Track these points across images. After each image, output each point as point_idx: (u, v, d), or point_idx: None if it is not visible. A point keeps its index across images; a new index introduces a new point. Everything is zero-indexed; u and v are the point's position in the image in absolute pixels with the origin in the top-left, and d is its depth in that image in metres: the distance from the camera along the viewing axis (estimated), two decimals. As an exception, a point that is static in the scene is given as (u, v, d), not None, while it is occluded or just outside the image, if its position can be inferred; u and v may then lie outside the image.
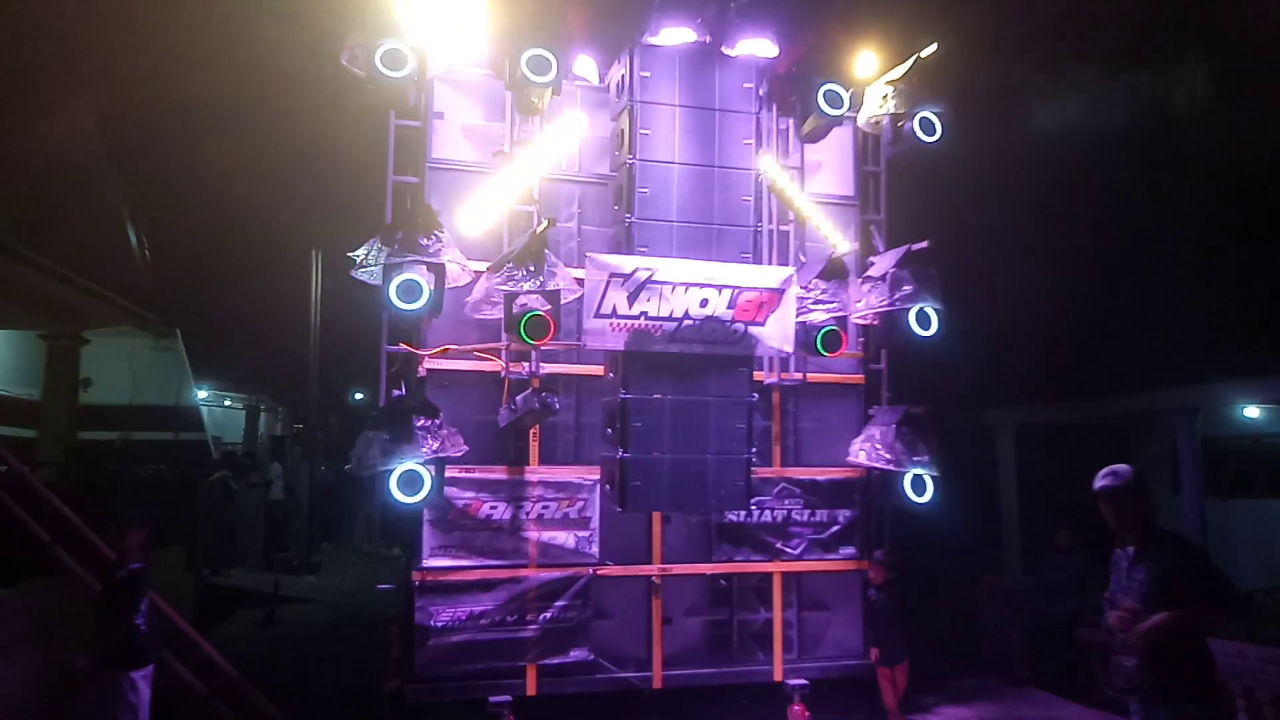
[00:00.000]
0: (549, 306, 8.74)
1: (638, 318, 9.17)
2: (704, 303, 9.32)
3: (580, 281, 9.17)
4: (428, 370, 9.53)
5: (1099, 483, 6.02)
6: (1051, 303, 14.54)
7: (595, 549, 9.85)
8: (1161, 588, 5.64)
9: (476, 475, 9.58)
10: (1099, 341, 14.76)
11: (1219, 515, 16.22)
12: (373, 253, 8.59)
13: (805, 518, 10.56)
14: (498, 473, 9.69)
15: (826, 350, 9.86)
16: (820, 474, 10.70)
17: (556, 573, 9.72)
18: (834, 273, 10.07)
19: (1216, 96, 15.41)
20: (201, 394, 23.62)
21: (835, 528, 10.65)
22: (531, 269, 8.75)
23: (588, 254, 9.39)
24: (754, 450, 9.75)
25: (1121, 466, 6.04)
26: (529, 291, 8.70)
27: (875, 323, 10.43)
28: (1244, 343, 13.91)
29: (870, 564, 10.40)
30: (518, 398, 9.24)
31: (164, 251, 20.22)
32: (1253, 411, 16.12)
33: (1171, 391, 14.07)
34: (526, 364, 9.58)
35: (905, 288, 9.87)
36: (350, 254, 8.69)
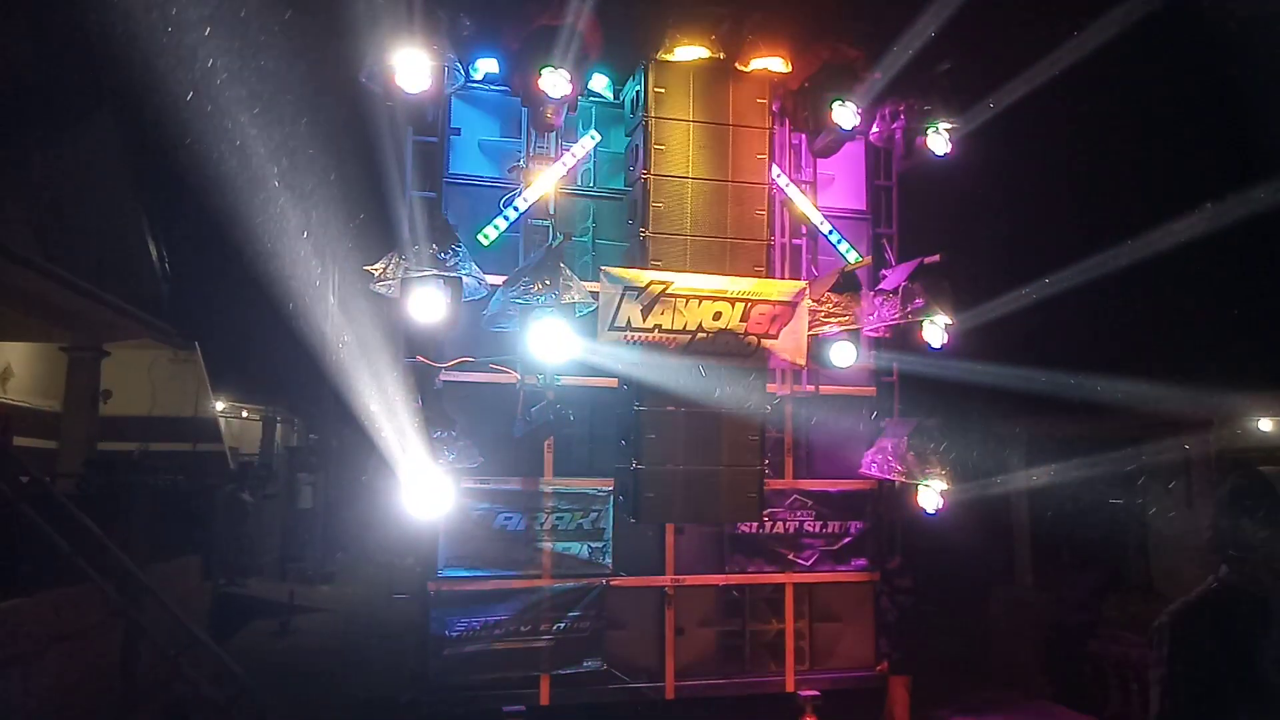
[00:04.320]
0: (564, 320, 8.84)
1: (652, 330, 9.28)
2: (717, 315, 9.41)
3: (595, 295, 9.28)
4: (444, 382, 9.64)
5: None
6: (1064, 313, 14.54)
7: (609, 560, 9.92)
8: None
9: (491, 486, 9.67)
10: (1112, 353, 14.74)
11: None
12: (391, 266, 8.71)
13: (817, 529, 10.61)
14: (512, 484, 9.78)
15: (839, 363, 9.94)
16: (832, 485, 10.75)
17: (570, 583, 9.79)
18: (846, 286, 10.14)
19: (1228, 105, 15.43)
20: (219, 405, 23.76)
21: (847, 539, 10.70)
22: (547, 282, 8.85)
23: (602, 268, 9.49)
24: (766, 462, 9.84)
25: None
26: (545, 305, 8.80)
27: (887, 335, 10.50)
28: (1259, 355, 13.88)
29: (894, 571, 10.49)
30: (533, 409, 9.33)
31: (183, 264, 20.41)
32: (1267, 424, 16.05)
33: (1185, 404, 14.03)
34: (542, 376, 9.67)
35: (917, 300, 9.95)
36: (368, 268, 8.81)
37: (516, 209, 9.66)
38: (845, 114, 10.07)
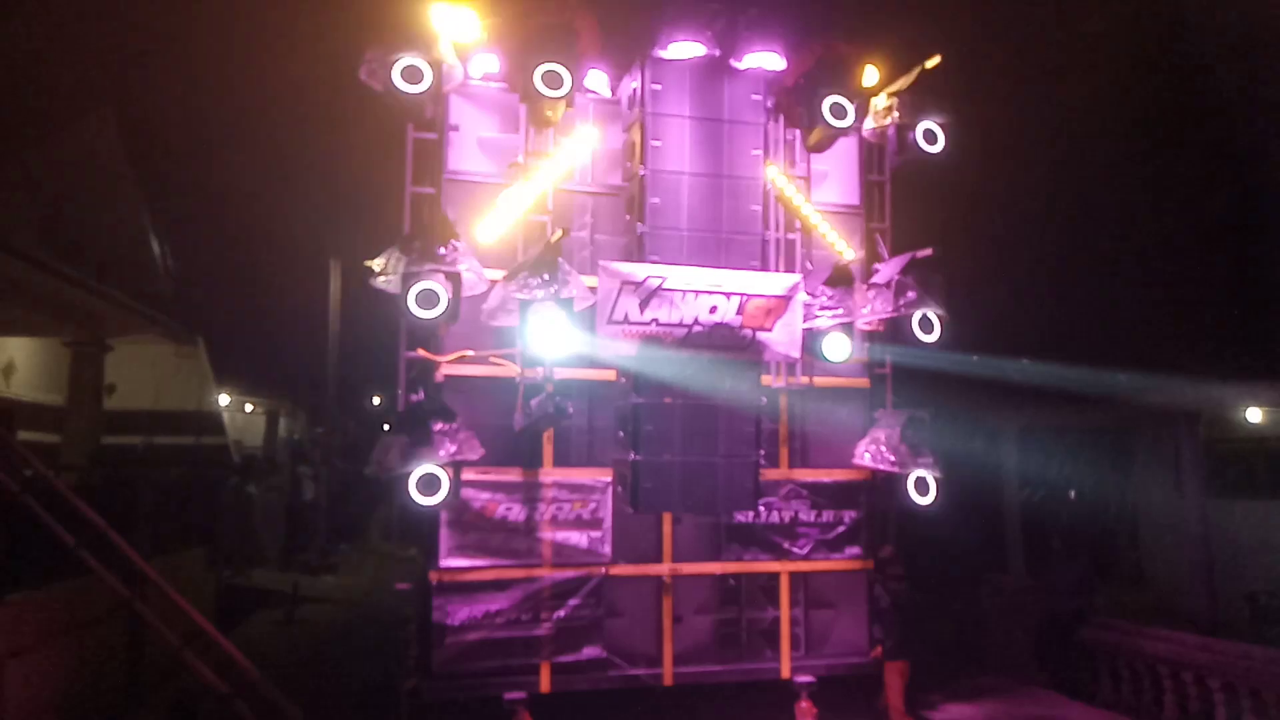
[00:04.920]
0: (563, 313, 8.99)
1: (649, 324, 9.43)
2: (713, 309, 9.57)
3: (593, 289, 9.42)
4: (445, 375, 9.77)
5: None
6: (1055, 306, 14.71)
7: (608, 549, 10.07)
8: None
9: (492, 477, 9.83)
10: (1102, 344, 14.89)
11: (1224, 517, 16.29)
12: (391, 262, 8.85)
13: (812, 518, 10.77)
14: (513, 475, 9.94)
15: (833, 356, 10.08)
16: (826, 476, 10.90)
17: (570, 572, 9.95)
18: (840, 280, 10.27)
19: (1222, 100, 15.53)
20: (223, 399, 23.87)
21: (841, 528, 10.86)
22: (546, 277, 8.98)
23: (600, 262, 9.66)
24: (762, 452, 9.99)
25: None
26: (543, 299, 8.94)
27: (880, 328, 10.64)
28: (1247, 346, 14.05)
29: (887, 559, 10.64)
30: (532, 402, 9.45)
31: (186, 260, 20.53)
32: (1255, 414, 16.20)
33: (1174, 394, 14.18)
34: (541, 369, 9.81)
35: (909, 294, 10.07)
36: (369, 263, 8.94)
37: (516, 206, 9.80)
38: (839, 110, 10.19)
